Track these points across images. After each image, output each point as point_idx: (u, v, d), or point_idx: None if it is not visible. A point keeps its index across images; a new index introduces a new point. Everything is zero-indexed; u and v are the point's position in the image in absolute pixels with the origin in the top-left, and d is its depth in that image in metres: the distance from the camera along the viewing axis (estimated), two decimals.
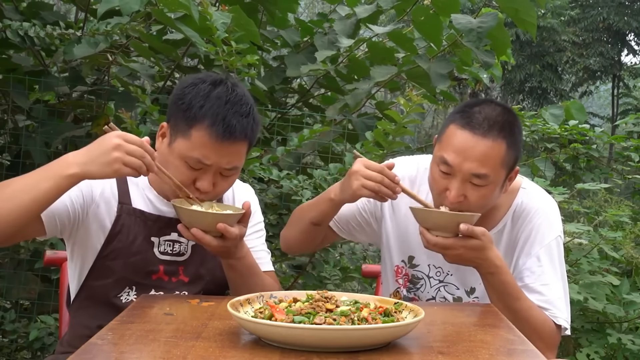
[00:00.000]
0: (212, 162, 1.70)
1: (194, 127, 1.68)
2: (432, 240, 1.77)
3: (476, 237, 1.75)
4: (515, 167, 1.88)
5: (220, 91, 1.71)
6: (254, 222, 1.96)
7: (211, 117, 1.67)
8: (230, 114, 1.68)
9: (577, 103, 4.20)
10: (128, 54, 3.53)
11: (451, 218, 1.76)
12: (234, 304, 1.40)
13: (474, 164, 1.78)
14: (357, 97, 3.63)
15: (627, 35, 22.99)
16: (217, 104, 1.69)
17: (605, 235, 3.41)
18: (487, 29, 3.25)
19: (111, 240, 1.79)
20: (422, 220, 1.80)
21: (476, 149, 1.78)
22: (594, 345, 3.21)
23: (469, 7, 14.43)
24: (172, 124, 1.74)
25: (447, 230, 1.76)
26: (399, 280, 2.09)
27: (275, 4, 3.72)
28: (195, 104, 1.69)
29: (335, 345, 1.26)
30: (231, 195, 1.96)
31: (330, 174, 3.21)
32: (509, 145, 1.81)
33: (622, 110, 22.45)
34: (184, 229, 1.68)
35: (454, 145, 1.81)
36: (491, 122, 1.80)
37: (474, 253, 1.77)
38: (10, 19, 3.05)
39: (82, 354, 1.22)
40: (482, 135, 1.79)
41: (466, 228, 1.73)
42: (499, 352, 1.33)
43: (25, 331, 3.28)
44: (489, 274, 1.81)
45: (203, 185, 1.71)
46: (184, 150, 1.69)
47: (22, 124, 3.49)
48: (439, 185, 1.85)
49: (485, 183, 1.80)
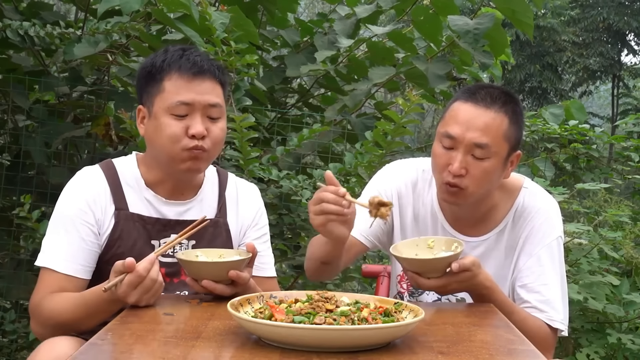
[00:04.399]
0: (192, 100, 1.74)
1: (164, 79, 1.76)
2: (427, 284, 1.76)
3: (467, 269, 1.74)
4: (517, 149, 1.89)
5: (174, 48, 1.82)
6: (261, 226, 1.96)
7: (176, 62, 1.76)
8: (192, 56, 1.78)
9: (577, 103, 4.20)
10: (128, 53, 3.53)
11: (439, 263, 1.74)
12: (234, 304, 1.40)
13: (477, 133, 1.80)
14: (356, 97, 3.63)
15: (627, 35, 22.99)
16: (177, 53, 1.78)
17: (605, 235, 3.40)
18: (483, 30, 3.26)
19: (111, 246, 1.79)
20: (410, 267, 1.77)
21: (479, 119, 1.82)
22: (594, 345, 3.20)
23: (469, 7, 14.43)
24: (145, 98, 1.81)
25: (438, 272, 1.75)
26: (402, 284, 2.10)
27: (275, 4, 3.72)
28: (157, 61, 1.78)
29: (335, 345, 1.26)
30: (235, 195, 1.95)
31: None
32: (511, 121, 1.84)
33: (622, 110, 22.45)
34: (193, 282, 1.67)
35: (457, 118, 1.84)
36: (494, 96, 1.84)
37: (466, 283, 1.77)
38: (10, 18, 3.05)
39: (82, 354, 1.22)
40: (484, 107, 1.83)
41: (457, 266, 1.72)
42: (499, 352, 1.33)
43: (25, 331, 3.28)
44: (481, 295, 1.82)
45: (196, 129, 1.73)
46: (164, 102, 1.75)
47: (22, 124, 3.49)
48: (440, 161, 1.85)
49: (487, 155, 1.81)
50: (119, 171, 1.84)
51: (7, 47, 3.37)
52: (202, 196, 1.90)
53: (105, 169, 1.84)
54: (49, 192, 3.29)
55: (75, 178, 1.84)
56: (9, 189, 3.41)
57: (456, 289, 1.79)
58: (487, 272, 1.82)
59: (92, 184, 1.81)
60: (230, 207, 1.93)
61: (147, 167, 1.85)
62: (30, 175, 3.50)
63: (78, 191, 1.80)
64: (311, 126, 3.33)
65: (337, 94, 3.94)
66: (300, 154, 3.67)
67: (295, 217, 3.28)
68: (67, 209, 1.79)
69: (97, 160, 2.97)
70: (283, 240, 3.49)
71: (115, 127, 3.27)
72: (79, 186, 1.81)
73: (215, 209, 1.91)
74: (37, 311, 1.72)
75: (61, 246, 1.75)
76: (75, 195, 1.80)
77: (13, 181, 3.38)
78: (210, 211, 1.89)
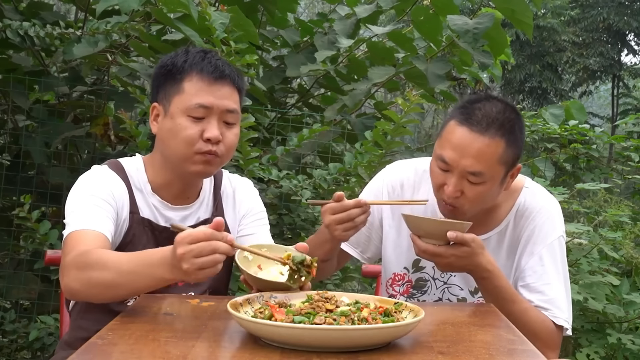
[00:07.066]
0: (211, 103, 1.73)
1: (184, 79, 1.75)
2: (423, 247, 1.76)
3: (466, 244, 1.74)
4: (516, 164, 1.87)
5: (195, 49, 1.82)
6: (256, 212, 1.96)
7: (197, 64, 1.75)
8: (213, 60, 1.77)
9: (577, 103, 4.20)
10: (128, 53, 3.53)
11: (441, 226, 1.75)
12: (234, 304, 1.40)
13: (470, 161, 1.78)
14: (356, 97, 3.63)
15: (627, 35, 23.00)
16: (199, 55, 1.77)
17: (605, 235, 3.40)
18: (483, 30, 3.26)
19: (122, 249, 1.76)
20: (413, 227, 1.80)
21: (473, 146, 1.78)
22: (594, 345, 3.20)
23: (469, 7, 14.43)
24: (162, 96, 1.78)
25: (437, 238, 1.75)
26: (395, 287, 2.09)
27: (274, 4, 3.73)
28: (179, 61, 1.77)
29: (335, 345, 1.26)
30: (231, 192, 1.95)
31: (329, 174, 3.21)
32: (508, 143, 1.80)
33: (622, 110, 22.46)
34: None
35: (452, 142, 1.81)
36: (490, 119, 1.80)
37: (464, 260, 1.77)
38: (10, 18, 3.05)
39: (82, 354, 1.22)
40: (479, 132, 1.78)
41: (454, 235, 1.72)
42: (499, 352, 1.33)
43: (25, 331, 3.28)
44: (482, 278, 1.82)
45: (212, 133, 1.72)
46: (183, 103, 1.73)
47: (22, 124, 3.49)
48: (437, 180, 1.85)
49: (481, 180, 1.80)
50: (128, 174, 1.82)
51: (7, 47, 3.37)
52: (203, 198, 1.89)
53: (116, 171, 1.81)
54: (49, 192, 3.29)
55: (95, 173, 1.79)
56: (9, 189, 3.41)
57: (454, 264, 1.77)
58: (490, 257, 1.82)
59: (114, 182, 1.78)
60: (226, 204, 1.93)
61: (155, 168, 1.83)
62: (30, 175, 3.50)
63: (101, 181, 1.75)
64: (311, 126, 3.33)
65: (337, 94, 3.94)
66: (300, 154, 3.67)
67: (295, 217, 3.28)
68: (91, 189, 1.72)
69: (97, 160, 2.98)
70: (283, 240, 3.48)
71: (115, 127, 3.27)
72: (102, 179, 1.77)
73: (212, 208, 1.90)
74: (79, 260, 1.56)
75: (88, 213, 1.68)
76: (99, 183, 1.75)
77: (13, 181, 3.38)
78: (208, 211, 1.89)
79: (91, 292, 1.56)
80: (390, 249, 2.06)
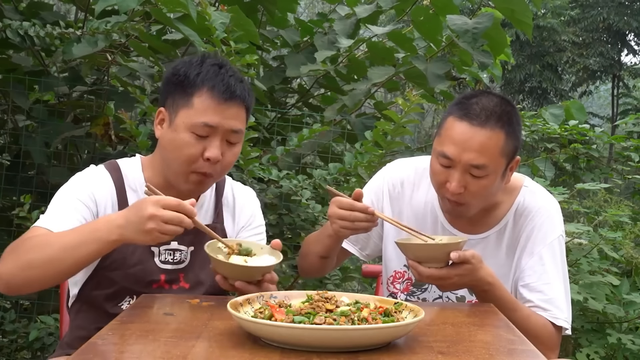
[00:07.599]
0: (217, 124, 1.72)
1: (194, 94, 1.73)
2: (426, 272, 1.75)
3: (467, 262, 1.74)
4: (515, 156, 1.88)
5: (211, 61, 1.78)
6: (255, 226, 1.96)
7: (210, 81, 1.73)
8: (226, 77, 1.74)
9: (577, 103, 4.20)
10: (127, 53, 3.53)
11: (442, 248, 1.75)
12: (234, 304, 1.40)
13: (473, 154, 1.79)
14: (356, 97, 3.63)
15: (627, 35, 23.00)
16: (213, 70, 1.75)
17: (605, 235, 3.40)
18: (482, 30, 3.25)
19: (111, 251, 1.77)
20: (412, 254, 1.78)
21: (474, 139, 1.79)
22: (594, 345, 3.21)
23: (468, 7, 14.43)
24: (169, 103, 1.77)
25: (439, 261, 1.75)
26: (396, 285, 2.09)
27: (274, 4, 3.72)
28: (192, 73, 1.75)
29: (335, 345, 1.26)
30: (231, 200, 1.95)
31: (330, 174, 3.21)
32: (507, 134, 1.82)
33: (622, 110, 22.47)
34: (223, 281, 1.64)
35: (453, 138, 1.82)
36: (488, 112, 1.81)
37: (467, 277, 1.77)
38: (10, 18, 3.05)
39: (82, 354, 1.22)
40: (479, 125, 1.79)
41: (457, 256, 1.72)
42: (499, 352, 1.33)
43: (25, 331, 3.28)
44: (483, 291, 1.82)
45: (213, 153, 1.72)
46: (189, 119, 1.72)
47: (22, 124, 3.49)
48: (439, 178, 1.85)
49: (485, 173, 1.81)
50: (124, 174, 1.82)
51: (7, 47, 3.36)
52: (203, 202, 1.89)
53: (111, 171, 1.82)
54: (49, 192, 3.29)
55: (84, 173, 1.82)
56: (9, 189, 3.41)
57: (457, 283, 1.77)
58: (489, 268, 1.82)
59: (100, 183, 1.79)
60: (227, 212, 1.93)
61: (153, 170, 1.83)
62: (30, 175, 3.49)
63: (86, 182, 1.78)
64: (311, 126, 3.32)
65: (337, 94, 3.94)
66: (300, 154, 3.67)
67: (295, 217, 3.28)
68: (73, 190, 1.76)
69: (97, 160, 2.98)
70: (283, 241, 3.48)
71: (115, 127, 3.26)
72: (87, 179, 1.79)
73: (213, 215, 1.90)
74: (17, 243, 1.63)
75: (59, 213, 1.72)
76: (83, 184, 1.77)
77: (13, 181, 3.38)
78: (207, 217, 1.89)
79: (27, 275, 1.58)
80: (391, 247, 2.06)
